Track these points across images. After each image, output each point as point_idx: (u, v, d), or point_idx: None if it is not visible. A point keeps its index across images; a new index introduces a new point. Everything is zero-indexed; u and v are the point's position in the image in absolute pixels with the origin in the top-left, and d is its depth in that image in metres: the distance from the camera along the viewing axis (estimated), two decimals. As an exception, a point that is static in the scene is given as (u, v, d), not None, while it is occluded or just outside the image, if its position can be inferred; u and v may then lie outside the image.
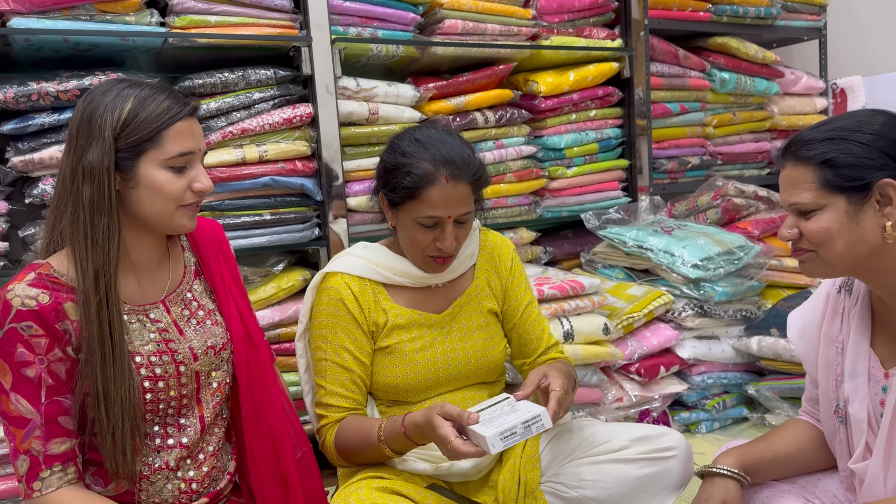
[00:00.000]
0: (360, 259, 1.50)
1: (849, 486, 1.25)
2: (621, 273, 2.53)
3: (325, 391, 1.46)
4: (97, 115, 1.14)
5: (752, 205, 2.74)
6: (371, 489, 1.32)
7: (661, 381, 2.33)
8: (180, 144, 1.17)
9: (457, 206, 1.39)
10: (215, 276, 1.36)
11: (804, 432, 1.36)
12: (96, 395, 1.13)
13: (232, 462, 1.37)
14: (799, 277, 2.63)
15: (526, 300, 1.61)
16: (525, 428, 1.18)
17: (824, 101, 3.28)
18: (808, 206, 1.11)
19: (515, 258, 1.62)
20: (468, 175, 1.39)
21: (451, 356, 1.50)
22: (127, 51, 2.02)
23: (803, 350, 1.33)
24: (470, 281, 1.56)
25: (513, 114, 2.46)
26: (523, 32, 2.48)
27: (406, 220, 1.42)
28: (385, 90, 2.22)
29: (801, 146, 1.12)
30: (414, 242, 1.43)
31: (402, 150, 1.41)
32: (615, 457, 1.41)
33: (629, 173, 2.77)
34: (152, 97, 1.16)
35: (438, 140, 1.41)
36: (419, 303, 1.51)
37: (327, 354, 1.46)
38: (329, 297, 1.46)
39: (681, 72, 2.84)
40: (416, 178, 1.36)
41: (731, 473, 1.28)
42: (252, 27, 2.03)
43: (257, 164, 2.03)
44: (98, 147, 1.12)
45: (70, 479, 1.13)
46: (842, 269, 1.14)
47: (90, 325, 1.13)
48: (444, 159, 1.37)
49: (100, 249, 1.13)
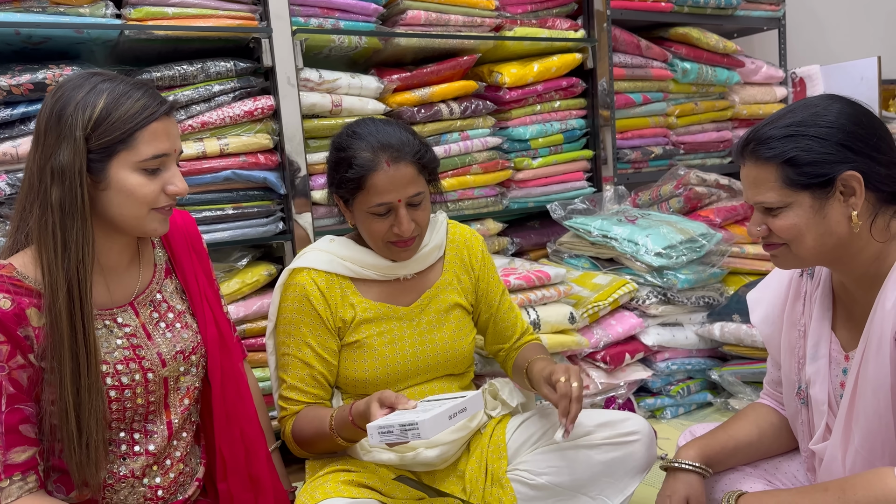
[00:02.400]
0: (326, 254, 1.49)
1: (809, 466, 1.28)
2: (587, 262, 2.55)
3: (286, 385, 1.46)
4: (67, 113, 1.08)
5: (713, 193, 2.79)
6: (337, 482, 1.32)
7: (627, 369, 2.36)
8: (154, 146, 1.12)
9: (404, 188, 1.39)
10: (188, 274, 1.31)
11: (765, 418, 1.38)
12: (66, 408, 1.08)
13: (201, 467, 1.34)
14: (760, 264, 2.68)
15: (500, 290, 1.64)
16: (402, 431, 1.13)
17: (784, 90, 3.34)
18: (773, 205, 1.12)
19: (485, 250, 1.64)
20: (409, 155, 1.39)
21: (419, 349, 1.50)
22: (82, 43, 1.97)
23: (766, 333, 1.35)
24: (439, 273, 1.56)
25: (478, 105, 2.46)
26: (487, 23, 2.48)
27: (360, 214, 1.43)
28: (348, 82, 2.20)
29: (759, 145, 1.12)
30: (372, 234, 1.43)
31: (341, 145, 1.43)
32: (579, 443, 1.43)
33: (594, 164, 2.79)
34: (127, 95, 1.11)
35: (375, 129, 1.42)
36: (388, 296, 1.51)
37: (290, 349, 1.46)
38: (295, 293, 1.46)
39: (643, 62, 2.87)
40: (359, 169, 1.37)
41: (693, 468, 1.30)
42: (211, 18, 1.99)
43: (218, 157, 2.00)
44: (68, 147, 1.07)
45: (31, 487, 1.09)
46: (812, 260, 1.15)
47: (60, 334, 1.07)
48: (382, 144, 1.38)
49: (72, 255, 1.08)
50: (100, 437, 1.11)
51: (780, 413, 1.38)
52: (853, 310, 1.19)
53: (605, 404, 2.30)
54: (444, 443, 1.45)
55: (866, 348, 1.11)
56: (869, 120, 1.11)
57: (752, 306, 1.39)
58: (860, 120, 1.10)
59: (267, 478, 1.34)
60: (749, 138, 1.15)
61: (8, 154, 1.77)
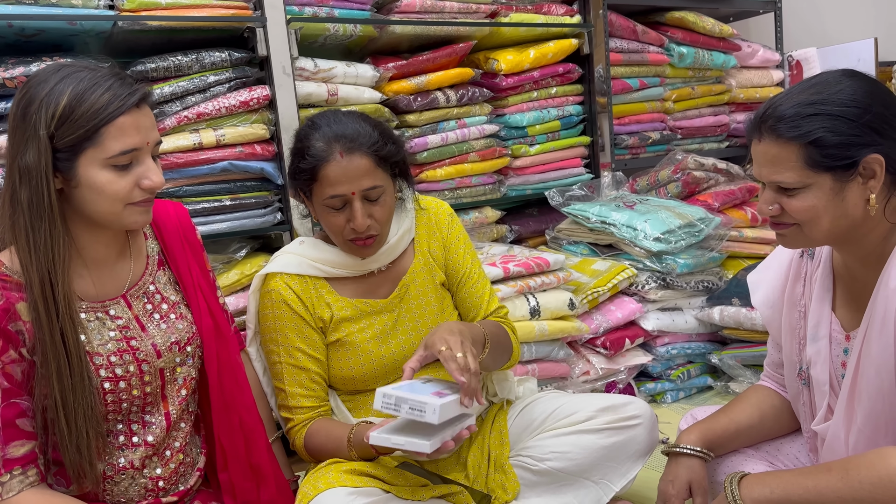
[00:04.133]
0: (296, 256, 1.47)
1: (812, 447, 1.28)
2: (586, 248, 2.55)
3: (285, 394, 1.44)
4: (31, 111, 1.05)
5: (711, 177, 2.78)
6: (340, 472, 1.32)
7: (627, 354, 2.36)
8: (122, 142, 1.08)
9: (357, 180, 1.35)
10: (181, 265, 1.30)
11: (766, 401, 1.37)
12: (55, 404, 1.08)
13: (202, 457, 1.34)
14: (759, 248, 2.68)
15: (467, 261, 1.57)
16: (409, 409, 1.14)
17: (781, 73, 3.33)
18: (791, 185, 1.08)
19: (454, 220, 1.60)
20: (364, 146, 1.36)
21: (404, 338, 1.48)
22: (75, 35, 1.96)
23: (767, 314, 1.34)
24: (412, 257, 1.54)
25: (474, 92, 2.45)
26: (482, 10, 2.46)
27: (319, 208, 1.40)
28: (344, 71, 2.19)
29: (780, 122, 1.07)
30: (331, 228, 1.41)
31: (300, 135, 1.42)
32: (581, 427, 1.43)
33: (591, 150, 2.79)
34: (91, 90, 1.06)
35: (333, 119, 1.40)
36: (364, 291, 1.49)
37: (280, 357, 1.44)
38: (272, 299, 1.45)
39: (639, 47, 2.85)
40: (311, 159, 1.36)
41: (695, 452, 1.29)
42: (205, 8, 1.98)
43: (214, 148, 1.99)
44: (34, 147, 1.04)
45: (31, 481, 1.09)
46: (822, 241, 1.13)
47: (42, 331, 1.07)
48: (336, 135, 1.36)
49: (42, 256, 1.07)
50: (91, 431, 1.11)
51: (781, 395, 1.38)
52: (854, 289, 1.19)
53: (606, 389, 2.31)
54: None
55: (868, 328, 1.11)
56: (891, 98, 1.07)
57: (753, 288, 1.39)
58: (884, 99, 1.06)
59: (268, 467, 1.34)
60: (767, 114, 1.09)
61: (3, 147, 1.76)
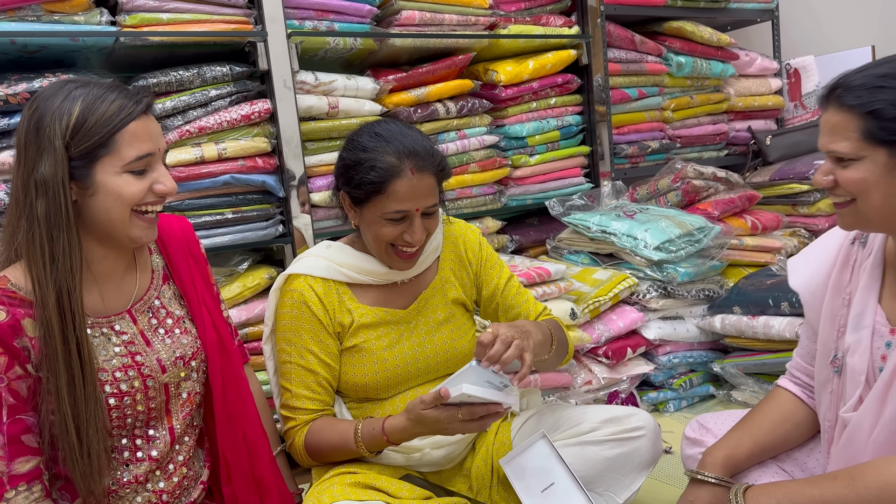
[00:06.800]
0: (322, 260, 1.47)
1: (829, 437, 1.26)
2: (586, 258, 2.56)
3: (290, 394, 1.44)
4: (45, 124, 1.07)
5: (711, 186, 2.79)
6: (344, 485, 1.32)
7: (629, 363, 2.37)
8: (137, 147, 1.11)
9: (424, 198, 1.37)
10: (185, 280, 1.31)
11: (788, 416, 1.35)
12: (65, 419, 1.08)
13: (205, 470, 1.34)
14: (759, 256, 2.69)
15: (504, 278, 1.60)
16: None
17: (779, 81, 3.35)
18: (846, 155, 1.07)
19: (483, 242, 1.62)
20: (432, 166, 1.37)
21: (418, 351, 1.49)
22: (77, 51, 1.97)
23: (807, 298, 1.32)
24: (434, 273, 1.55)
25: (474, 104, 2.46)
26: (481, 22, 2.48)
27: (372, 217, 1.39)
28: (344, 83, 2.21)
29: (846, 91, 1.07)
30: (379, 237, 1.40)
31: (363, 145, 1.39)
32: (584, 439, 1.43)
33: (591, 159, 2.80)
34: (101, 98, 1.10)
35: (400, 133, 1.39)
36: (384, 300, 1.50)
37: (291, 357, 1.44)
38: (292, 299, 1.44)
39: (638, 57, 2.87)
40: (381, 172, 1.34)
41: (719, 482, 1.28)
42: (205, 24, 2.00)
43: (216, 162, 2.01)
44: (49, 158, 1.06)
45: (36, 497, 1.09)
46: (876, 222, 1.11)
47: (53, 344, 1.07)
48: (408, 151, 1.35)
49: (61, 266, 1.08)
50: (101, 445, 1.11)
51: (803, 402, 1.36)
52: None
53: (608, 399, 2.31)
54: (449, 443, 1.45)
55: None
56: None
57: (793, 270, 1.36)
58: None
59: (271, 480, 1.34)
60: (837, 83, 1.09)
61: (6, 163, 1.77)
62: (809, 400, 1.36)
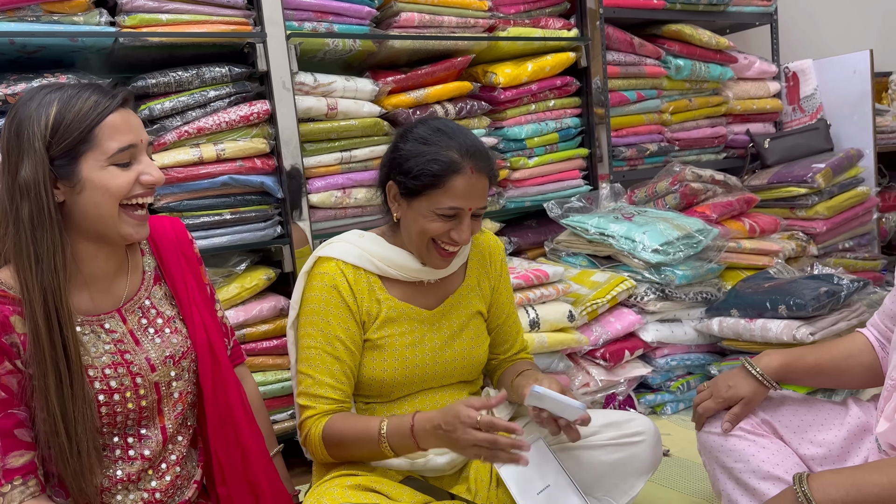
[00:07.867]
0: (355, 247, 1.45)
1: (888, 395, 1.25)
2: (585, 260, 2.56)
3: (313, 380, 1.39)
4: (24, 129, 1.09)
5: (709, 189, 2.79)
6: (344, 487, 1.31)
7: (626, 365, 2.37)
8: (118, 139, 1.12)
9: (478, 198, 1.37)
10: (177, 280, 1.31)
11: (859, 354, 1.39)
12: (53, 418, 1.09)
13: (198, 470, 1.34)
14: (757, 259, 2.69)
15: (511, 302, 1.62)
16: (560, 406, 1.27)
17: (777, 84, 3.35)
18: None
19: (505, 259, 1.62)
20: (489, 169, 1.38)
21: (438, 353, 1.47)
22: (77, 52, 1.97)
23: None
24: (462, 279, 1.54)
25: (473, 106, 2.46)
26: (480, 24, 2.48)
27: (422, 210, 1.37)
28: (343, 85, 2.21)
29: None
30: (423, 231, 1.38)
31: (424, 138, 1.37)
32: (584, 443, 1.42)
33: (589, 162, 2.80)
34: (76, 96, 1.11)
35: (460, 131, 1.39)
36: (411, 297, 1.48)
37: (318, 342, 1.39)
38: (322, 282, 1.41)
39: (637, 60, 2.87)
40: (443, 166, 1.33)
41: (765, 381, 1.33)
42: (205, 24, 2.00)
43: (215, 162, 2.00)
44: (30, 161, 1.07)
45: (32, 491, 1.10)
46: None
47: (41, 343, 1.08)
48: (471, 150, 1.35)
49: (45, 266, 1.09)
50: (91, 444, 1.12)
51: (873, 351, 1.39)
52: None
53: (606, 401, 2.31)
54: None
55: None
56: None
57: None
58: None
59: (265, 482, 1.33)
60: None
61: (4, 164, 1.77)
62: (881, 351, 1.38)
